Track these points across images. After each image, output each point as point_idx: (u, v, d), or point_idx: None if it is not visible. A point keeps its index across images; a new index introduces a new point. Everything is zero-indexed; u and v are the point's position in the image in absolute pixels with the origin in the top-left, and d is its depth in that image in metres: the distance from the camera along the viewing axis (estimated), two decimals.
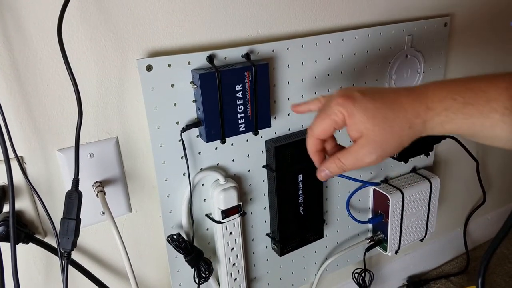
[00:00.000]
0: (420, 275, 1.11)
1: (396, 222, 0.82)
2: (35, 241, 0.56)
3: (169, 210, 0.64)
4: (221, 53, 0.59)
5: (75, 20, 0.52)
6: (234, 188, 0.64)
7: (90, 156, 0.58)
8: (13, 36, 0.49)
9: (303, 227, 0.74)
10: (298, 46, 0.65)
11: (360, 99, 0.42)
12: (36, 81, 0.52)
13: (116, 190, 0.61)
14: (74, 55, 0.53)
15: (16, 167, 0.52)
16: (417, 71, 0.80)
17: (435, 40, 0.81)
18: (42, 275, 0.61)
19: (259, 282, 0.77)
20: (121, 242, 0.57)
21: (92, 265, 0.64)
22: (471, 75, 0.42)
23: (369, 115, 0.42)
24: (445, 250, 1.14)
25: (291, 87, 0.67)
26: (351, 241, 0.86)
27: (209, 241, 0.69)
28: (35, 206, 0.57)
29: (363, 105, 0.42)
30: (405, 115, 0.41)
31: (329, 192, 0.79)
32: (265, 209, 0.72)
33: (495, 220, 1.22)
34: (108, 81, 0.56)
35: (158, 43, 0.57)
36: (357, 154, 0.44)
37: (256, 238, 0.74)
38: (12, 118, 0.52)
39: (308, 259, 0.82)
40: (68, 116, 0.55)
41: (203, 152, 0.63)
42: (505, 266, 1.14)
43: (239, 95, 0.59)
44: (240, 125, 0.61)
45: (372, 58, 0.74)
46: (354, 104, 0.42)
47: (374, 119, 0.42)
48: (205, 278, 0.66)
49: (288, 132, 0.70)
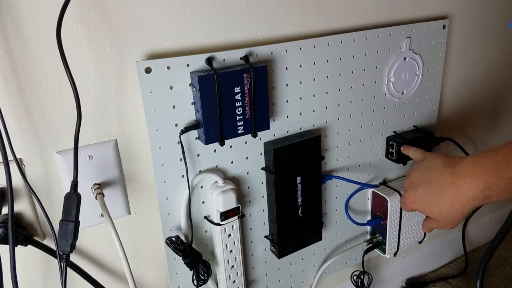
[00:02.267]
0: (419, 277, 1.11)
1: (394, 224, 0.82)
2: (33, 243, 0.56)
3: (167, 212, 0.64)
4: (220, 55, 0.59)
5: (74, 22, 0.52)
6: (233, 190, 0.64)
7: (89, 158, 0.58)
8: (12, 39, 0.49)
9: (302, 229, 0.74)
10: (296, 48, 0.66)
11: (421, 202, 0.56)
12: (35, 83, 0.52)
13: (115, 192, 0.61)
14: (73, 57, 0.53)
15: (15, 169, 0.52)
16: (415, 73, 0.81)
17: (434, 43, 0.81)
18: (41, 277, 0.61)
19: (257, 284, 0.77)
20: (120, 244, 0.57)
21: (90, 267, 0.63)
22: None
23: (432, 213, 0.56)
24: (443, 252, 1.14)
25: (290, 89, 0.67)
26: (350, 243, 0.86)
27: (207, 243, 0.69)
28: (34, 208, 0.57)
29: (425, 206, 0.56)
30: (453, 209, 0.52)
31: (327, 194, 0.79)
32: (263, 211, 0.73)
33: (493, 222, 1.22)
34: (107, 83, 0.56)
35: (157, 46, 0.57)
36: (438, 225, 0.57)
37: (255, 240, 0.74)
38: (11, 121, 0.52)
39: (306, 261, 0.82)
40: (67, 118, 0.55)
41: (201, 154, 0.63)
42: (504, 268, 1.14)
43: (238, 97, 0.59)
44: (238, 127, 0.61)
45: (371, 60, 0.74)
46: (418, 206, 0.57)
47: (435, 214, 0.55)
48: (204, 280, 0.66)
49: (287, 134, 0.70)
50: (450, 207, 0.52)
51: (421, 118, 0.86)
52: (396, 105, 0.81)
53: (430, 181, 0.55)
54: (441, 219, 0.54)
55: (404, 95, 0.81)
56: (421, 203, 0.56)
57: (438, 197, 0.53)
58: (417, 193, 0.56)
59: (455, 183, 0.51)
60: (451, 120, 0.95)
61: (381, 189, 0.82)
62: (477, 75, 0.95)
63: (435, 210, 0.54)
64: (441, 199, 0.52)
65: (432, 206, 0.54)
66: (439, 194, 0.53)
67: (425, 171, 0.56)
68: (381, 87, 0.78)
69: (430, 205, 0.54)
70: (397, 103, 0.81)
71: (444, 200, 0.52)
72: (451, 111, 0.94)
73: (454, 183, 0.51)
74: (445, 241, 1.12)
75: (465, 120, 0.99)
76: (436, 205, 0.53)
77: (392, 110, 0.81)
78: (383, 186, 0.84)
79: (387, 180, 0.87)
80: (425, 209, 0.56)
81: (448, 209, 0.52)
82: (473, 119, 1.00)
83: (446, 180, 0.52)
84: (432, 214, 0.55)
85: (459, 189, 0.50)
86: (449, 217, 0.53)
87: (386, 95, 0.79)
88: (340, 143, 0.77)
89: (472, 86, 0.95)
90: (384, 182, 0.86)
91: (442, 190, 0.52)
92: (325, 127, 0.74)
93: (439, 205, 0.53)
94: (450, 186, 0.51)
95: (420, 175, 0.57)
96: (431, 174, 0.55)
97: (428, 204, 0.55)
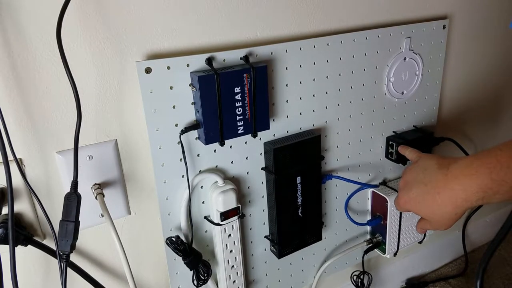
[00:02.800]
0: (419, 278, 1.11)
1: (394, 224, 0.82)
2: (34, 243, 0.56)
3: (168, 212, 0.64)
4: (220, 56, 0.59)
5: (74, 22, 0.52)
6: (233, 190, 0.64)
7: (89, 159, 0.58)
8: (13, 39, 0.49)
9: (302, 230, 0.74)
10: (296, 48, 0.66)
11: (415, 205, 0.56)
12: (35, 83, 0.52)
13: (115, 193, 0.61)
14: (73, 57, 0.53)
15: (15, 169, 0.52)
16: (415, 73, 0.81)
17: (434, 43, 0.81)
18: (41, 278, 0.61)
19: (257, 284, 0.77)
20: (120, 245, 0.57)
21: (90, 268, 0.63)
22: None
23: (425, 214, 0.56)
24: (443, 252, 1.14)
25: (290, 89, 0.67)
26: (350, 243, 0.86)
27: (208, 243, 0.69)
28: (34, 208, 0.57)
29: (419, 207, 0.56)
30: (446, 210, 0.52)
31: (327, 194, 0.79)
32: (263, 211, 0.73)
33: (493, 223, 1.22)
34: (107, 84, 0.56)
35: (157, 46, 0.57)
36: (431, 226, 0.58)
37: (255, 240, 0.74)
38: (11, 121, 0.52)
39: (306, 261, 0.82)
40: (67, 119, 0.55)
41: (202, 154, 0.63)
42: (504, 268, 1.14)
43: (238, 97, 0.59)
44: (239, 127, 0.61)
45: (371, 60, 0.74)
46: (411, 207, 0.57)
47: (429, 215, 0.55)
48: (204, 280, 0.66)
49: (287, 134, 0.70)
50: (443, 208, 0.52)
51: (421, 118, 0.86)
52: (396, 105, 0.81)
53: (424, 182, 0.55)
54: (435, 220, 0.54)
55: (404, 95, 0.81)
56: (415, 204, 0.56)
57: (431, 198, 0.53)
58: (411, 194, 0.56)
59: (448, 184, 0.51)
60: (451, 120, 0.95)
61: (381, 189, 0.82)
62: (477, 75, 0.95)
63: (428, 211, 0.54)
64: (434, 200, 0.53)
65: (425, 207, 0.54)
66: (432, 195, 0.53)
67: (419, 172, 0.57)
68: (381, 87, 0.78)
69: (423, 206, 0.55)
70: (397, 103, 0.81)
71: (437, 201, 0.52)
72: (451, 111, 0.94)
73: (447, 184, 0.51)
74: (445, 241, 1.12)
75: (465, 120, 0.99)
76: (429, 206, 0.54)
77: (392, 110, 0.81)
78: (383, 186, 0.84)
79: (387, 180, 0.87)
80: (418, 210, 0.56)
81: (441, 211, 0.52)
82: (473, 119, 1.00)
83: (440, 181, 0.52)
84: (425, 215, 0.55)
85: (452, 191, 0.50)
86: (442, 218, 0.53)
87: (386, 95, 0.79)
88: (340, 143, 0.77)
89: (472, 86, 0.95)
90: (384, 182, 0.86)
91: (435, 191, 0.52)
92: (325, 127, 0.74)
93: (432, 206, 0.53)
94: (443, 187, 0.51)
95: (415, 176, 0.57)
96: (425, 175, 0.55)
97: (421, 205, 0.55)
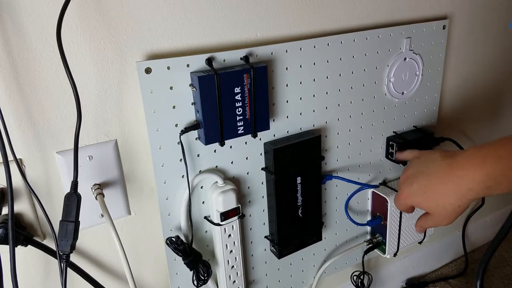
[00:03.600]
0: (419, 278, 1.11)
1: (394, 225, 0.82)
2: (34, 243, 0.56)
3: (168, 213, 0.64)
4: (220, 56, 0.59)
5: (74, 22, 0.52)
6: (233, 190, 0.64)
7: (89, 159, 0.58)
8: (12, 39, 0.49)
9: (302, 230, 0.74)
10: (296, 48, 0.66)
11: (418, 194, 0.55)
12: (35, 83, 0.52)
13: (115, 193, 0.61)
14: (73, 57, 0.53)
15: (15, 169, 0.52)
16: (415, 73, 0.81)
17: (434, 43, 0.81)
18: (41, 278, 0.61)
19: (257, 285, 0.77)
20: (120, 245, 0.57)
21: (90, 268, 0.63)
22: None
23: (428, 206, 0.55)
24: (444, 252, 1.14)
25: (290, 89, 0.67)
26: (350, 243, 0.86)
27: (208, 243, 0.69)
28: (34, 208, 0.57)
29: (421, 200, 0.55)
30: (450, 202, 0.51)
31: (327, 195, 0.79)
32: (263, 211, 0.73)
33: (493, 223, 1.22)
34: (107, 84, 0.56)
35: (157, 46, 0.57)
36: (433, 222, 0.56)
37: (255, 241, 0.74)
38: (11, 121, 0.52)
39: (306, 261, 0.82)
40: (67, 119, 0.55)
41: (202, 154, 0.63)
42: (504, 268, 1.14)
43: (238, 97, 0.59)
44: (239, 128, 0.61)
45: (371, 60, 0.74)
46: (414, 200, 0.56)
47: (432, 208, 0.54)
48: (204, 280, 0.66)
49: (287, 134, 0.70)
50: (447, 199, 0.51)
51: (421, 118, 0.86)
52: (396, 105, 0.81)
53: (427, 173, 0.53)
54: (437, 212, 0.53)
55: (404, 95, 0.81)
56: (417, 196, 0.54)
57: (435, 189, 0.52)
58: (412, 188, 0.55)
59: (453, 173, 0.50)
60: (451, 120, 0.95)
61: (381, 189, 0.82)
62: (477, 75, 0.95)
63: (431, 204, 0.53)
64: (438, 191, 0.51)
65: (429, 198, 0.53)
66: (436, 186, 0.52)
67: (422, 165, 0.55)
68: (381, 88, 0.78)
69: (427, 198, 0.53)
70: (397, 103, 0.81)
71: (441, 192, 0.51)
72: (451, 111, 0.94)
73: (452, 173, 0.50)
74: (445, 242, 1.12)
75: (465, 120, 0.99)
76: (433, 197, 0.52)
77: (392, 110, 0.81)
78: (383, 186, 0.84)
79: (387, 180, 0.87)
80: (420, 203, 0.54)
81: (445, 202, 0.51)
82: (473, 119, 1.00)
83: (444, 171, 0.51)
84: (428, 207, 0.54)
85: (457, 180, 0.49)
86: (445, 211, 0.52)
87: (386, 95, 0.79)
88: (340, 144, 0.77)
89: (472, 86, 0.95)
90: (384, 182, 0.86)
91: (439, 181, 0.51)
92: (325, 128, 0.74)
93: (435, 197, 0.52)
94: (448, 177, 0.50)
95: (417, 168, 0.56)
96: (429, 167, 0.54)
97: (424, 197, 0.53)
